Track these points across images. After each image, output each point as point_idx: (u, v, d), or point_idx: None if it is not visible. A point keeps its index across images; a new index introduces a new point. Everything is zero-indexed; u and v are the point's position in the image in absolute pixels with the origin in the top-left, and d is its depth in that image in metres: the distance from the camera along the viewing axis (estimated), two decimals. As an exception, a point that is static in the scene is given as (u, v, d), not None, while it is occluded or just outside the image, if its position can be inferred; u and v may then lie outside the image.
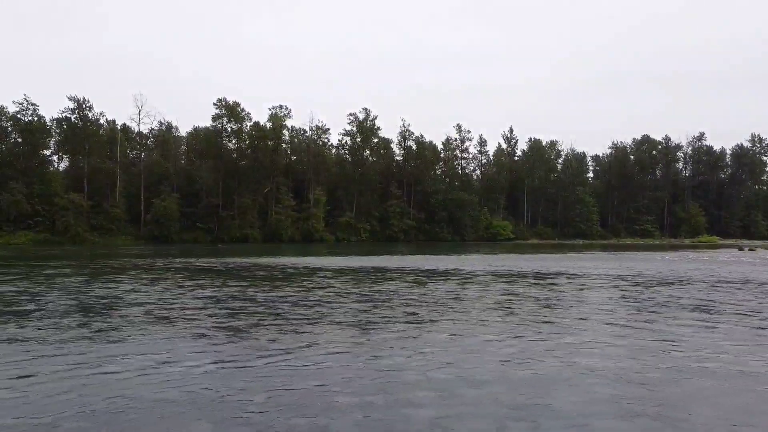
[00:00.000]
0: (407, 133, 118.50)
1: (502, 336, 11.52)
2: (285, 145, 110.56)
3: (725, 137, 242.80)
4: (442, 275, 27.48)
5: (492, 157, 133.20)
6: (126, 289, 20.32)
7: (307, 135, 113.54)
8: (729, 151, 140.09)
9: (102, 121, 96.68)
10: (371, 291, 20.05)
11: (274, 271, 29.94)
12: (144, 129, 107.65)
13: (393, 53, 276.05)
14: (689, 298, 18.21)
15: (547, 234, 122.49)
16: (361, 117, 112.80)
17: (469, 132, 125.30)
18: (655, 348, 10.41)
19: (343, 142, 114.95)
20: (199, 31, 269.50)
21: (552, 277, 26.37)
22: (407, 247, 71.82)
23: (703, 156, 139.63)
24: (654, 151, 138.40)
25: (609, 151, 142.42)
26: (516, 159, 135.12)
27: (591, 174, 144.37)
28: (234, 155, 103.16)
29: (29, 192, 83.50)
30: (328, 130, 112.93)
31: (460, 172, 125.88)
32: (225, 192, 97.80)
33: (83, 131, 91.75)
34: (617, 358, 9.62)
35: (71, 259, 41.53)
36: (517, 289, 20.73)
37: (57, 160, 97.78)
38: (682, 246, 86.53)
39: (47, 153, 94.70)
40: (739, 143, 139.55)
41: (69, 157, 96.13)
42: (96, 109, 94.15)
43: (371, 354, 9.81)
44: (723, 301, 17.39)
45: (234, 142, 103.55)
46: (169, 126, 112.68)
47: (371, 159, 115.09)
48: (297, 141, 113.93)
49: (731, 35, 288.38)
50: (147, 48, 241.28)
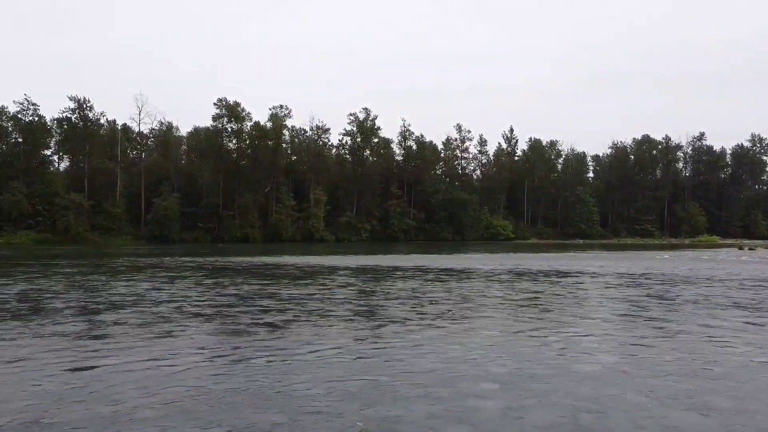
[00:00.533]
0: (407, 133, 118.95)
1: (544, 331, 11.68)
2: (285, 145, 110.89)
3: (725, 137, 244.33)
4: (462, 273, 27.64)
5: (492, 157, 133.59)
6: (149, 287, 20.44)
7: (308, 135, 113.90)
8: (729, 151, 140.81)
9: (102, 121, 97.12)
10: (398, 289, 20.18)
11: (292, 270, 30.00)
12: (144, 129, 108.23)
13: (393, 53, 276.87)
14: (721, 296, 18.30)
15: (548, 234, 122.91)
16: (362, 117, 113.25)
17: (470, 132, 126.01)
18: (709, 343, 10.53)
19: (344, 142, 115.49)
20: (199, 31, 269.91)
21: (574, 276, 26.61)
22: (409, 247, 71.92)
23: (704, 156, 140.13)
24: (654, 151, 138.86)
25: (609, 151, 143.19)
26: (516, 159, 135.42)
27: (591, 174, 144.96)
28: (234, 155, 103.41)
29: (30, 192, 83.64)
30: (328, 130, 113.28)
31: (460, 171, 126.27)
32: (225, 192, 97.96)
33: (84, 131, 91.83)
34: (672, 352, 9.76)
35: (80, 258, 41.57)
36: (544, 287, 20.88)
37: (57, 160, 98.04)
38: (682, 246, 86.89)
39: (48, 153, 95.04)
40: (739, 143, 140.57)
41: (69, 157, 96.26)
42: (96, 109, 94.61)
43: (426, 348, 9.95)
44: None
45: (234, 142, 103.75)
46: (170, 126, 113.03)
47: (371, 159, 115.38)
48: (297, 141, 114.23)
49: (731, 35, 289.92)
50: (147, 48, 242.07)
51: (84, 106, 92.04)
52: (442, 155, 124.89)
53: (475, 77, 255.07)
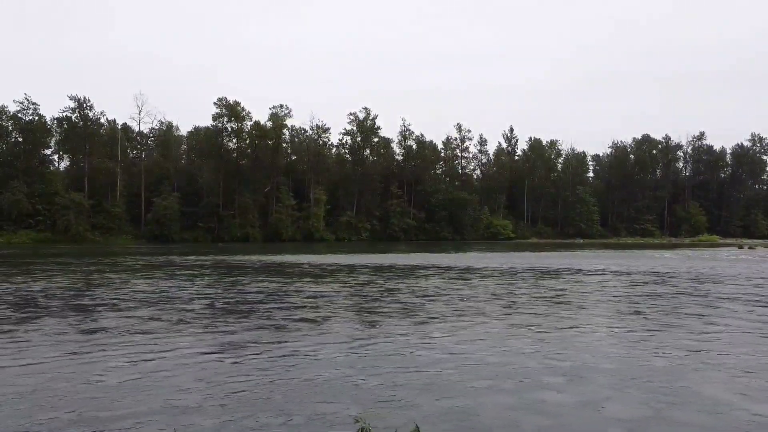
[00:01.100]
0: (407, 133, 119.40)
1: (591, 327, 12.24)
2: (285, 145, 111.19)
3: (725, 137, 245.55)
4: (483, 272, 28.37)
5: (492, 157, 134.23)
6: (171, 285, 20.95)
7: (308, 134, 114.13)
8: (729, 151, 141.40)
9: (102, 121, 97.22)
10: (425, 286, 20.74)
11: (308, 268, 30.55)
12: (144, 128, 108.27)
13: (393, 53, 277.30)
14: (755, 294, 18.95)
15: (548, 233, 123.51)
16: (362, 116, 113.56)
17: (470, 131, 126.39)
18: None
19: (344, 141, 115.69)
20: (199, 31, 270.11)
21: (599, 274, 27.46)
22: (411, 246, 72.50)
23: (704, 155, 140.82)
24: (654, 151, 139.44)
25: (609, 151, 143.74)
26: (516, 158, 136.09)
27: (591, 173, 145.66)
28: (234, 155, 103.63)
29: (30, 191, 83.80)
30: (328, 129, 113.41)
31: (460, 171, 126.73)
32: (225, 191, 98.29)
33: (84, 131, 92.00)
34: (731, 347, 10.21)
35: (87, 257, 42.00)
36: (570, 285, 21.55)
37: (58, 159, 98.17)
38: (682, 245, 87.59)
39: (48, 152, 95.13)
40: (740, 142, 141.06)
41: (70, 157, 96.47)
42: (96, 109, 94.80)
43: (487, 345, 10.37)
44: None
45: (234, 141, 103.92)
46: (170, 125, 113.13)
47: (371, 158, 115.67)
48: (297, 140, 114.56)
49: (731, 35, 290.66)
50: (147, 47, 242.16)
51: (84, 105, 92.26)
52: (442, 155, 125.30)
53: (475, 77, 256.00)
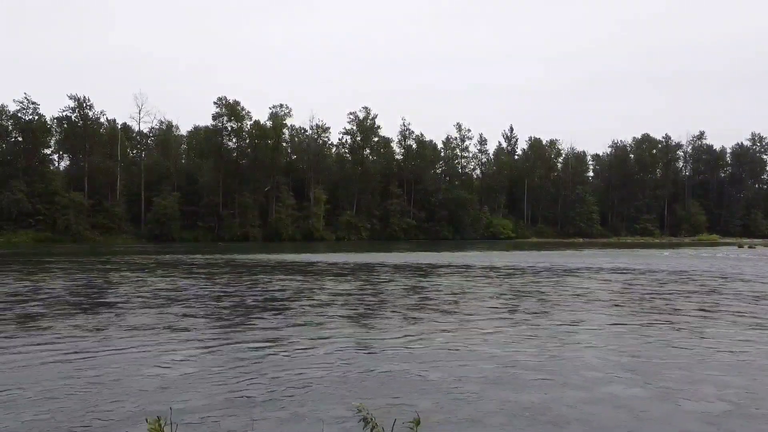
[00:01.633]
0: (407, 132, 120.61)
1: (646, 323, 13.31)
2: (285, 144, 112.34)
3: (725, 136, 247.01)
4: (507, 269, 29.84)
5: (492, 156, 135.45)
6: (191, 283, 22.02)
7: (308, 134, 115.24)
8: (729, 150, 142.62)
9: (102, 120, 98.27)
10: (450, 284, 21.85)
11: (326, 267, 31.72)
12: (144, 128, 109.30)
13: (393, 53, 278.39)
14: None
15: (548, 233, 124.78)
16: (362, 116, 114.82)
17: (470, 131, 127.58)
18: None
19: (344, 141, 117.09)
20: (199, 31, 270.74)
21: (622, 273, 28.59)
22: (413, 245, 73.67)
23: (703, 155, 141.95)
24: (654, 150, 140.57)
25: (609, 150, 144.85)
26: (516, 158, 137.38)
27: (591, 173, 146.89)
28: (234, 154, 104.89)
29: (30, 191, 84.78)
30: (328, 129, 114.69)
31: (460, 171, 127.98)
32: (225, 191, 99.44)
33: (84, 130, 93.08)
34: None
35: (94, 256, 42.99)
36: (598, 283, 22.80)
37: (57, 159, 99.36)
38: (683, 244, 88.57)
39: (48, 152, 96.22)
40: (740, 142, 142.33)
41: (69, 156, 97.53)
42: (96, 108, 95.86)
43: (540, 341, 11.17)
44: None
45: (234, 141, 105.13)
46: (170, 125, 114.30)
47: (371, 158, 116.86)
48: (297, 140, 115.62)
49: (731, 34, 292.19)
50: (147, 47, 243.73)
51: (84, 104, 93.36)
52: (442, 154, 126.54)
53: (475, 77, 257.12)
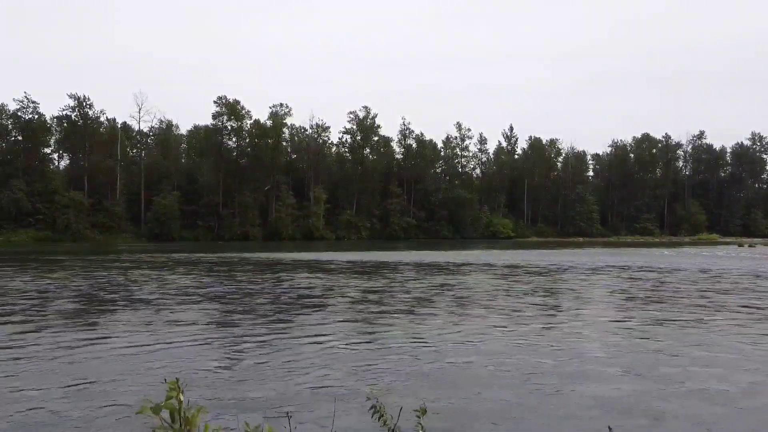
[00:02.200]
0: (407, 132, 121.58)
1: (688, 319, 14.12)
2: (285, 144, 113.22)
3: (725, 136, 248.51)
4: (528, 267, 31.01)
5: (492, 156, 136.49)
6: (212, 280, 23.01)
7: (308, 133, 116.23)
8: (729, 150, 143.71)
9: (102, 119, 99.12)
10: (479, 282, 22.92)
11: (346, 265, 32.73)
12: (144, 127, 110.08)
13: (394, 52, 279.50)
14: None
15: (548, 232, 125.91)
16: (362, 115, 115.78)
17: (470, 130, 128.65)
18: None
19: (344, 140, 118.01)
20: (200, 30, 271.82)
21: (649, 271, 29.77)
22: (416, 244, 74.75)
23: (703, 154, 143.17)
24: (654, 150, 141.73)
25: (609, 150, 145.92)
26: (516, 157, 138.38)
27: (591, 172, 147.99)
28: (234, 153, 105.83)
29: (30, 190, 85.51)
30: (328, 128, 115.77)
31: (460, 170, 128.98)
32: (225, 190, 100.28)
33: (84, 129, 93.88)
34: None
35: (103, 255, 43.86)
36: (633, 282, 23.74)
37: (57, 158, 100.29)
38: (684, 243, 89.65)
39: (48, 151, 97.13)
40: (740, 141, 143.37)
41: (69, 155, 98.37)
42: (96, 107, 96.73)
43: (592, 337, 11.87)
44: None
45: (234, 140, 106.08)
46: (170, 124, 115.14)
47: (371, 157, 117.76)
48: (297, 139, 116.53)
49: (731, 34, 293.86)
50: (147, 46, 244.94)
51: (84, 104, 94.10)
52: (442, 154, 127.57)
53: (475, 76, 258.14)
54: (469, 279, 24.56)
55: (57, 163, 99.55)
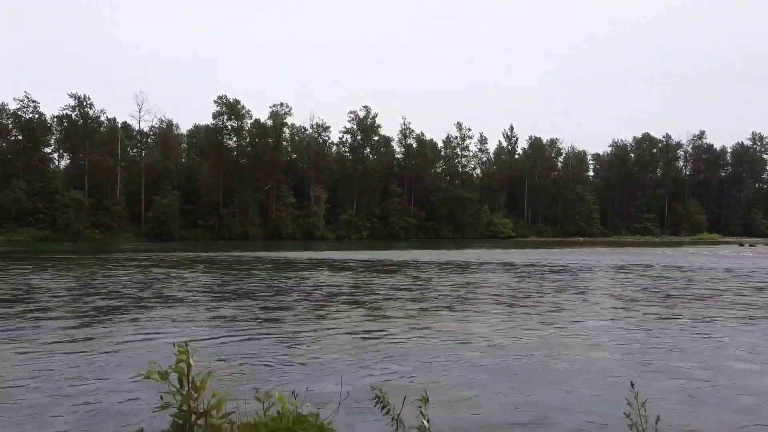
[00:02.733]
0: (408, 131, 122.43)
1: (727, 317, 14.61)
2: (285, 143, 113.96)
3: (726, 136, 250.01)
4: (549, 267, 31.68)
5: (492, 155, 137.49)
6: (231, 279, 23.47)
7: (308, 133, 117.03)
8: (729, 150, 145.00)
9: (102, 119, 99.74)
10: (505, 281, 23.29)
11: (363, 264, 33.16)
12: (144, 127, 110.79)
13: (394, 52, 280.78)
14: None
15: (548, 232, 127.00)
16: (362, 115, 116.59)
17: (470, 130, 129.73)
18: None
19: (344, 140, 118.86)
20: (200, 30, 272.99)
21: (673, 269, 30.43)
22: (418, 244, 75.46)
23: (704, 154, 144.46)
24: (654, 150, 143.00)
25: (609, 149, 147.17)
26: (516, 157, 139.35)
27: (591, 172, 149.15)
28: (234, 153, 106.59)
29: (30, 189, 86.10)
30: (328, 128, 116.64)
31: (460, 170, 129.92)
32: (225, 189, 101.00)
33: (84, 129, 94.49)
34: None
35: (112, 253, 44.21)
36: (657, 280, 24.41)
37: (57, 157, 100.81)
38: (685, 243, 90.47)
39: (48, 150, 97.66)
40: (740, 141, 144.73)
41: (70, 155, 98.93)
42: (96, 107, 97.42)
43: (650, 334, 12.25)
44: None
45: (234, 139, 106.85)
46: (170, 124, 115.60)
47: (372, 157, 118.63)
48: (297, 139, 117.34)
49: (731, 33, 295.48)
50: (147, 45, 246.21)
51: (84, 103, 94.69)
52: (442, 153, 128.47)
53: (476, 76, 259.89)
54: (493, 277, 25.12)
55: (57, 163, 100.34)
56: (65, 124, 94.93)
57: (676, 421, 6.69)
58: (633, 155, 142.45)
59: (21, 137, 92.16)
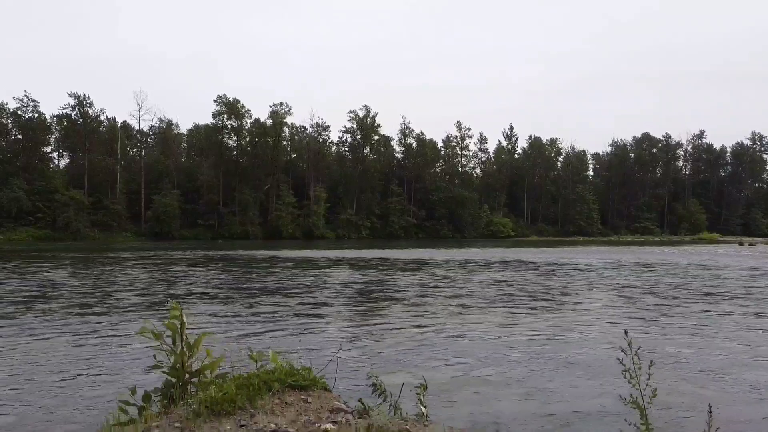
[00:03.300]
0: (407, 131, 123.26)
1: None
2: (285, 143, 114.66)
3: (725, 135, 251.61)
4: (573, 265, 32.63)
5: (492, 155, 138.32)
6: (253, 276, 24.25)
7: (308, 132, 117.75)
8: (729, 149, 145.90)
9: (102, 118, 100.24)
10: (527, 279, 24.06)
11: (383, 262, 33.86)
12: (144, 126, 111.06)
13: (393, 52, 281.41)
14: None
15: (548, 231, 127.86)
16: (362, 114, 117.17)
17: (470, 129, 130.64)
18: None
19: (344, 139, 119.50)
20: (200, 29, 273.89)
21: (698, 269, 31.08)
22: (418, 243, 75.99)
23: (703, 154, 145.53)
24: (654, 149, 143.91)
25: (609, 149, 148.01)
26: (516, 156, 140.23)
27: (591, 172, 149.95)
28: (234, 152, 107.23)
29: (30, 188, 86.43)
30: (328, 127, 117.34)
31: (460, 169, 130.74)
32: (225, 189, 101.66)
33: (84, 128, 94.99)
34: None
35: (119, 252, 44.66)
36: (684, 277, 25.22)
37: (57, 156, 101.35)
38: (685, 242, 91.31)
39: (48, 150, 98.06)
40: (740, 141, 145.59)
41: (69, 154, 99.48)
42: (96, 106, 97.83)
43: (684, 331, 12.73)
44: None
45: (234, 139, 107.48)
46: (170, 123, 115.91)
47: (371, 156, 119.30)
48: (297, 138, 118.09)
49: (731, 33, 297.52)
50: (147, 45, 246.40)
51: (84, 102, 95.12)
52: (442, 153, 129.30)
53: (476, 76, 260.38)
54: (516, 275, 25.88)
55: (57, 162, 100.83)
56: (65, 123, 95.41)
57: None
58: (633, 155, 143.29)
59: (21, 136, 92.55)
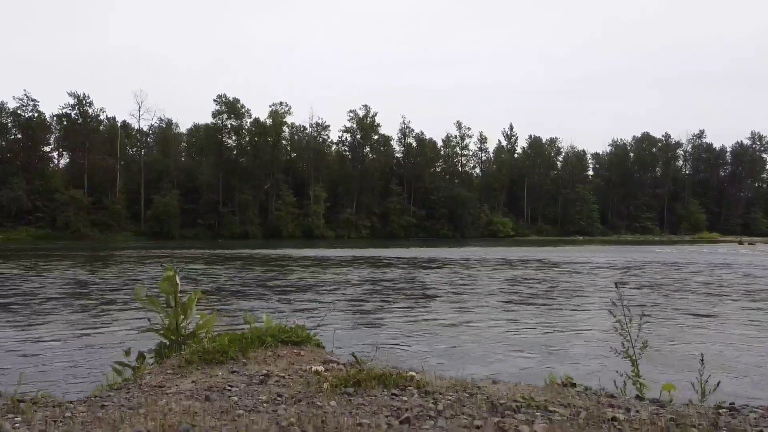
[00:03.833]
0: (407, 130, 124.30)
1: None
2: (285, 142, 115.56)
3: (725, 135, 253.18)
4: (596, 265, 33.21)
5: (492, 155, 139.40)
6: (273, 274, 24.88)
7: (308, 132, 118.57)
8: (729, 149, 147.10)
9: (102, 118, 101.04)
10: (551, 277, 24.66)
11: (404, 260, 34.45)
12: (144, 125, 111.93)
13: (393, 51, 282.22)
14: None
15: (547, 231, 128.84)
16: (361, 114, 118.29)
17: (469, 129, 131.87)
18: None
19: (344, 138, 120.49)
20: (200, 29, 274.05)
21: (719, 268, 31.51)
22: (420, 243, 76.81)
23: (703, 153, 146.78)
24: (654, 149, 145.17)
25: (609, 149, 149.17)
26: (516, 156, 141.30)
27: (591, 171, 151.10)
28: (234, 152, 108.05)
29: (30, 188, 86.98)
30: (328, 126, 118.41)
31: (460, 169, 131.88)
32: (225, 188, 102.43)
33: (83, 127, 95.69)
34: None
35: (125, 251, 45.25)
36: (708, 276, 25.76)
37: (57, 156, 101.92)
38: (683, 242, 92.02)
39: (47, 149, 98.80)
40: (739, 141, 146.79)
41: (69, 154, 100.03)
42: (96, 106, 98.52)
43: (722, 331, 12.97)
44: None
45: (234, 138, 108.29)
46: (169, 122, 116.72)
47: (371, 156, 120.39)
48: (297, 138, 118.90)
49: (731, 33, 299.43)
50: (147, 45, 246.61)
51: (83, 102, 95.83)
52: (441, 152, 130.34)
53: (476, 76, 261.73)
54: (539, 273, 26.44)
55: (57, 162, 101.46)
56: (65, 122, 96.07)
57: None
58: (632, 155, 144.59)
59: (20, 136, 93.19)
